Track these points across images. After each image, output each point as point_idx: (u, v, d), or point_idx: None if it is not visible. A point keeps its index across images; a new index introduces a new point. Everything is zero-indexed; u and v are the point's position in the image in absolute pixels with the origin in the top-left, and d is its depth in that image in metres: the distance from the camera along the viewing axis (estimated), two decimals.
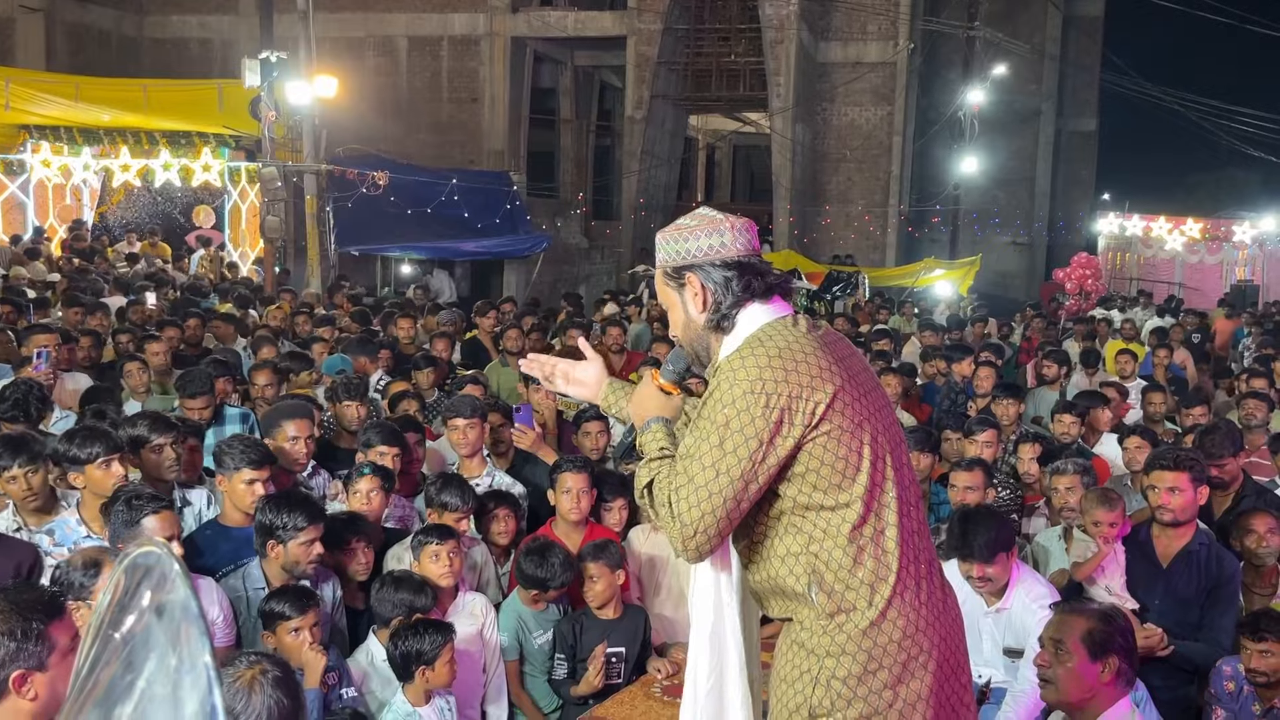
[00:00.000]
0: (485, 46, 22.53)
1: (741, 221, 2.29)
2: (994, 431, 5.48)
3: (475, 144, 22.56)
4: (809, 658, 2.13)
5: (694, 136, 29.60)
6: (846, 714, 2.09)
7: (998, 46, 26.02)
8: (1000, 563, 3.84)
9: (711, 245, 2.24)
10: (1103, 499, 4.20)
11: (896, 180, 23.28)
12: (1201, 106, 27.72)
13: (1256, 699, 3.66)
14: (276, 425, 4.58)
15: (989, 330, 12.75)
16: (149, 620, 1.30)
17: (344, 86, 16.01)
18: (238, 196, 17.07)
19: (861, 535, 2.12)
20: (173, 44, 23.30)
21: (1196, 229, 25.14)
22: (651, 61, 21.93)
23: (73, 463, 3.76)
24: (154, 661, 1.28)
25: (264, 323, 9.36)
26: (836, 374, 2.12)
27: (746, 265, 2.24)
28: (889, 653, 2.10)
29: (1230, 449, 5.01)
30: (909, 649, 2.11)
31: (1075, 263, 21.70)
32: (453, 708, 3.57)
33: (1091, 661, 2.87)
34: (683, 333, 2.34)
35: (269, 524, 3.59)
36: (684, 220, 2.32)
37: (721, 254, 2.24)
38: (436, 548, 3.81)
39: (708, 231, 2.25)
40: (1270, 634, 3.53)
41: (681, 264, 2.26)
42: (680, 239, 2.27)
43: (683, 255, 2.26)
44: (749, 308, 2.23)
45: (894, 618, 2.11)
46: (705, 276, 2.24)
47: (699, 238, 2.25)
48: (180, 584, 1.29)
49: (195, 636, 1.26)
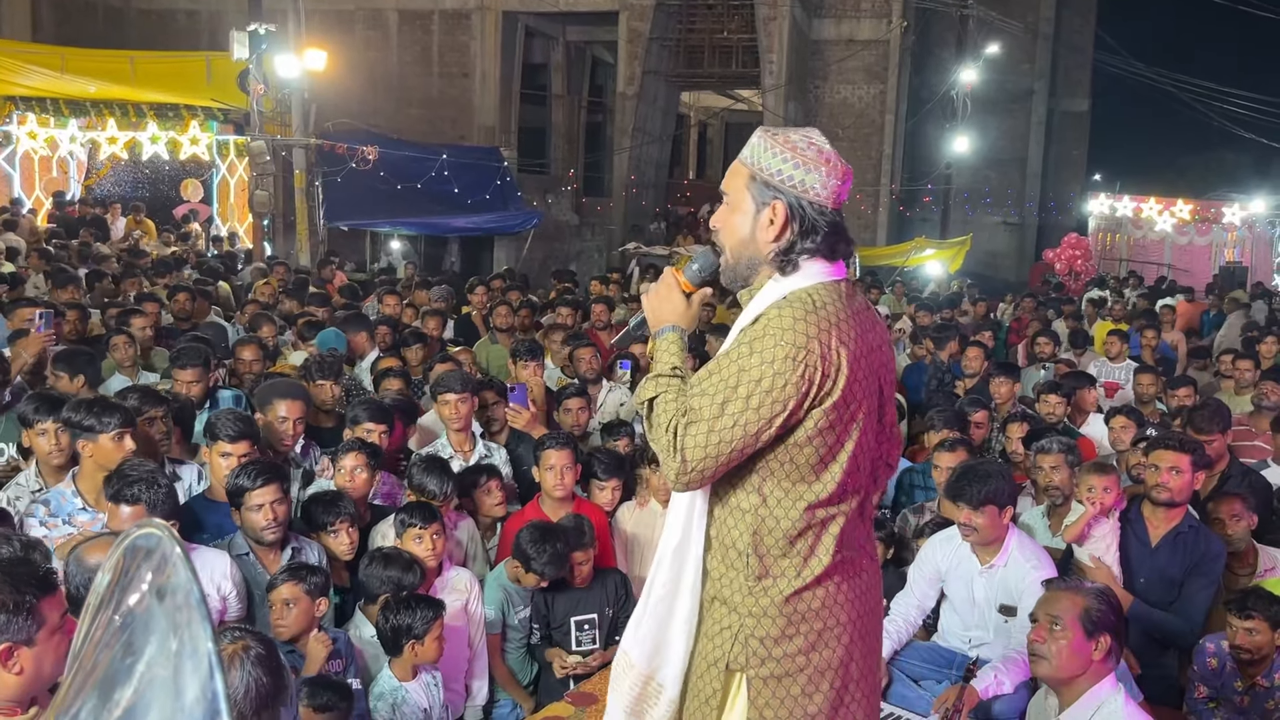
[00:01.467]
0: (476, 21, 22.35)
1: (845, 167, 2.20)
2: (985, 412, 5.50)
3: (466, 119, 22.42)
4: (731, 614, 2.17)
5: (686, 113, 29.48)
6: (759, 671, 2.14)
7: (991, 25, 25.93)
8: (989, 515, 3.89)
9: (814, 183, 2.14)
10: (1097, 466, 4.26)
11: (888, 159, 23.22)
12: (1193, 88, 27.75)
13: (1239, 675, 3.71)
14: (269, 402, 4.58)
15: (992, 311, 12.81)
16: (150, 603, 1.30)
17: (333, 60, 15.89)
18: (226, 170, 16.97)
19: (815, 515, 2.14)
20: (160, 15, 23.05)
21: (1186, 210, 25.21)
22: (644, 37, 21.79)
23: (86, 431, 3.75)
24: (154, 645, 1.27)
25: (254, 298, 9.31)
26: (859, 356, 2.11)
27: (837, 225, 2.18)
28: (806, 620, 2.14)
29: (1218, 427, 5.06)
30: (826, 619, 2.16)
31: (1065, 243, 21.73)
32: (438, 682, 3.59)
33: (1087, 639, 2.92)
34: (733, 243, 2.23)
35: (230, 490, 3.62)
36: (797, 137, 2.18)
37: (819, 196, 2.15)
38: (419, 530, 3.83)
39: (817, 166, 2.14)
40: (1258, 612, 3.58)
41: (776, 184, 2.14)
42: (786, 158, 2.14)
43: (781, 177, 2.14)
44: (815, 260, 2.16)
45: (817, 591, 2.15)
46: (794, 213, 2.15)
47: (807, 170, 2.14)
48: (181, 567, 1.28)
49: (197, 621, 1.25)
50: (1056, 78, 30.81)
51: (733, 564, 2.19)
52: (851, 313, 2.14)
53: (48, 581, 2.45)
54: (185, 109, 15.77)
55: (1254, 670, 3.65)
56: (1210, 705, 3.82)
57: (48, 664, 2.41)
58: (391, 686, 3.49)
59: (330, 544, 3.84)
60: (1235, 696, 3.72)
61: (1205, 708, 3.82)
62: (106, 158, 17.61)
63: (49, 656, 2.41)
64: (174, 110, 15.75)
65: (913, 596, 4.21)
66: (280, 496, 3.60)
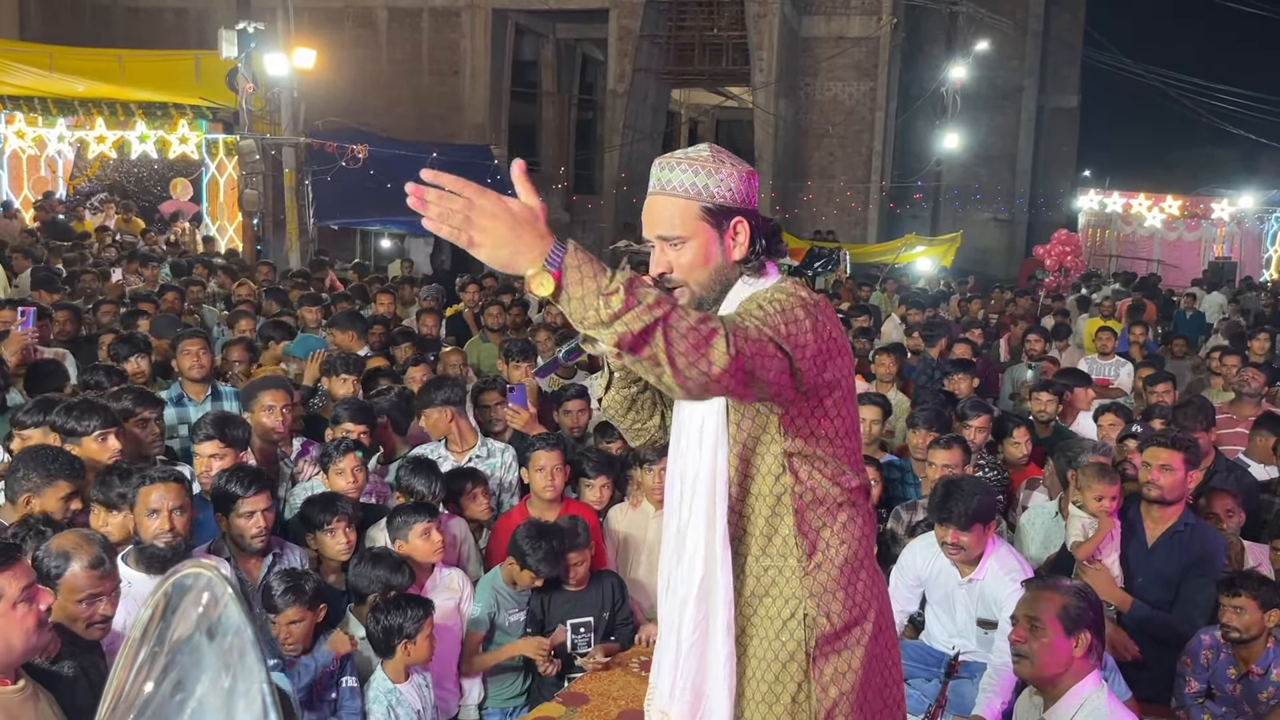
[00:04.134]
0: (466, 18, 22.32)
1: (749, 167, 2.19)
2: (987, 417, 5.49)
3: (456, 117, 22.40)
4: (790, 603, 2.15)
5: (676, 111, 29.47)
6: (833, 647, 2.13)
7: (980, 22, 25.98)
8: (975, 533, 3.88)
9: (750, 193, 2.14)
10: (1102, 473, 4.23)
11: (879, 156, 23.27)
12: (1182, 84, 27.86)
13: (1233, 662, 3.72)
14: (254, 396, 4.62)
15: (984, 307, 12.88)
16: (199, 641, 1.33)
17: (323, 58, 15.85)
18: (215, 169, 16.91)
19: (847, 483, 2.17)
20: (148, 14, 22.97)
21: (1176, 206, 25.30)
22: (634, 34, 21.80)
23: (69, 434, 3.75)
24: (206, 683, 1.31)
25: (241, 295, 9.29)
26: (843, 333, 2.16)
27: (776, 226, 2.20)
28: (859, 588, 2.18)
29: (1203, 423, 5.08)
30: (872, 586, 2.21)
31: (1055, 239, 21.79)
32: (429, 683, 3.59)
33: (1066, 636, 2.93)
34: (705, 278, 2.15)
35: (216, 494, 3.61)
36: (708, 151, 2.14)
37: (752, 199, 2.16)
38: (426, 525, 3.85)
39: (745, 176, 2.14)
40: (1245, 590, 3.61)
41: (727, 202, 2.10)
42: (721, 175, 2.10)
43: (731, 193, 2.11)
44: (770, 262, 2.18)
45: (863, 560, 2.20)
46: (753, 224, 2.14)
47: (737, 179, 2.12)
48: (233, 607, 1.31)
49: (251, 659, 1.29)
50: (1046, 74, 30.88)
51: (778, 553, 2.16)
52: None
53: (6, 553, 2.43)
54: (174, 108, 15.71)
55: (1247, 654, 3.67)
56: (1200, 701, 3.84)
57: (14, 636, 2.39)
58: (386, 689, 3.49)
59: (326, 543, 3.84)
60: (1227, 685, 3.74)
61: (1195, 703, 3.84)
62: (95, 157, 17.53)
63: (14, 629, 2.39)
64: (163, 109, 15.69)
65: (895, 601, 4.20)
66: (270, 504, 3.60)
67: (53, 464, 3.39)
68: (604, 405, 2.43)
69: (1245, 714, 3.66)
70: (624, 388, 2.35)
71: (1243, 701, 3.68)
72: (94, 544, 2.86)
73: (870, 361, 7.25)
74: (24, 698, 2.46)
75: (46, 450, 3.49)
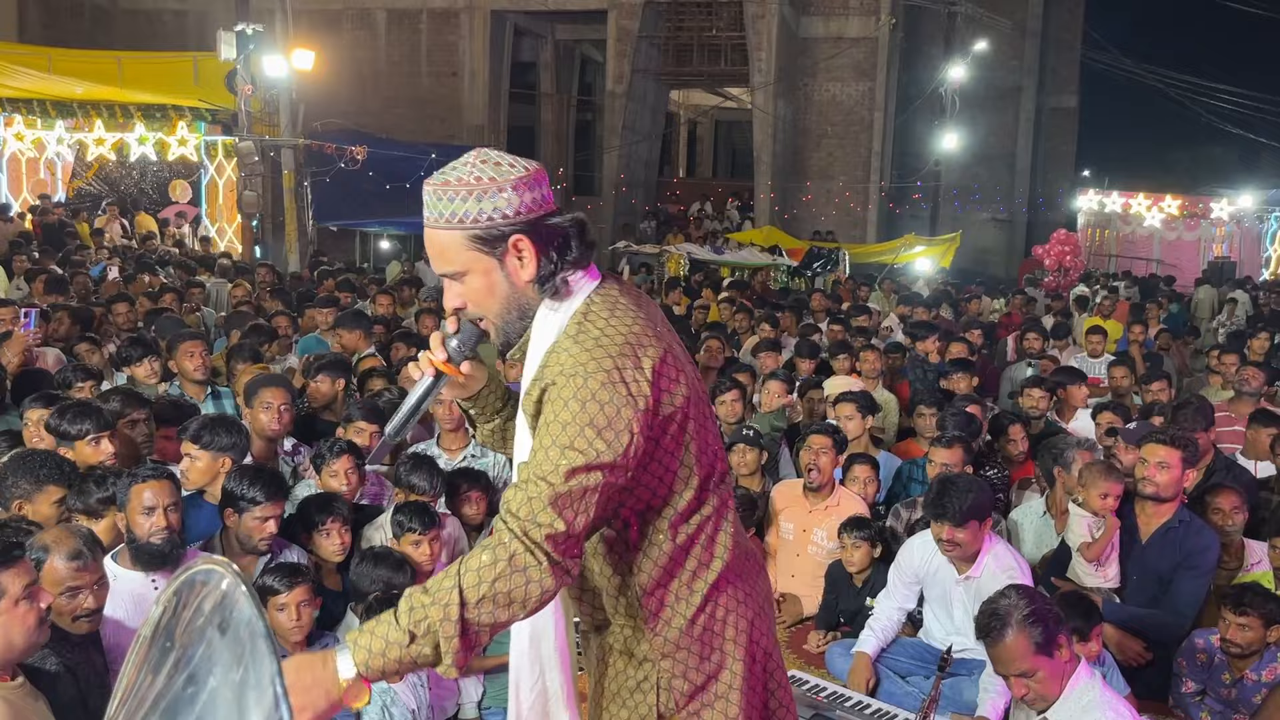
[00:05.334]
0: (465, 20, 22.32)
1: (534, 167, 1.94)
2: (978, 407, 5.51)
3: (455, 118, 22.39)
4: (641, 666, 2.00)
5: (675, 112, 29.47)
6: (691, 708, 1.98)
7: (979, 22, 25.96)
8: (971, 530, 3.88)
9: (534, 200, 1.89)
10: (1108, 471, 4.22)
11: (878, 156, 23.25)
12: (1181, 84, 27.85)
13: (1227, 668, 3.72)
14: (255, 393, 4.63)
15: (982, 308, 12.88)
16: (211, 635, 1.34)
17: (321, 60, 15.85)
18: (214, 171, 16.92)
19: (684, 529, 1.96)
20: (147, 16, 22.97)
21: (1175, 206, 25.31)
22: (632, 35, 21.79)
23: (63, 438, 3.75)
24: (218, 675, 1.32)
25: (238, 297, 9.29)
26: (674, 344, 1.95)
27: (579, 220, 1.97)
28: (715, 636, 1.99)
29: (1202, 424, 5.07)
30: (728, 632, 2.00)
31: (1054, 239, 21.77)
32: (424, 683, 3.57)
33: (1051, 658, 2.88)
34: (498, 307, 1.94)
35: (230, 492, 3.61)
36: (472, 169, 1.89)
37: (539, 206, 1.90)
38: (419, 537, 3.83)
39: (524, 183, 1.88)
40: (1253, 609, 3.58)
41: (499, 224, 1.86)
42: (482, 195, 1.86)
43: (497, 214, 1.86)
44: (578, 271, 1.94)
45: (718, 605, 1.99)
46: (537, 238, 1.89)
47: (518, 191, 1.87)
48: (245, 603, 1.32)
49: (263, 653, 1.29)
50: (1045, 74, 30.86)
51: (621, 611, 2.01)
52: (640, 303, 1.98)
53: (8, 554, 2.46)
54: (173, 109, 15.72)
55: (1242, 664, 3.67)
56: (1197, 699, 3.83)
57: (15, 633, 2.44)
58: (381, 688, 3.47)
59: (322, 544, 3.83)
60: (1222, 689, 3.73)
61: (1193, 702, 3.84)
62: (94, 159, 17.54)
63: (15, 626, 2.44)
64: (161, 111, 15.70)
65: (893, 599, 4.21)
66: (282, 512, 3.61)
67: (41, 469, 3.38)
68: (479, 441, 2.31)
69: (1242, 714, 3.66)
70: (487, 423, 2.22)
71: (1238, 703, 3.68)
72: (75, 537, 2.86)
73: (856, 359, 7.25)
74: (25, 693, 2.52)
75: (35, 455, 3.48)
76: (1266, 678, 3.62)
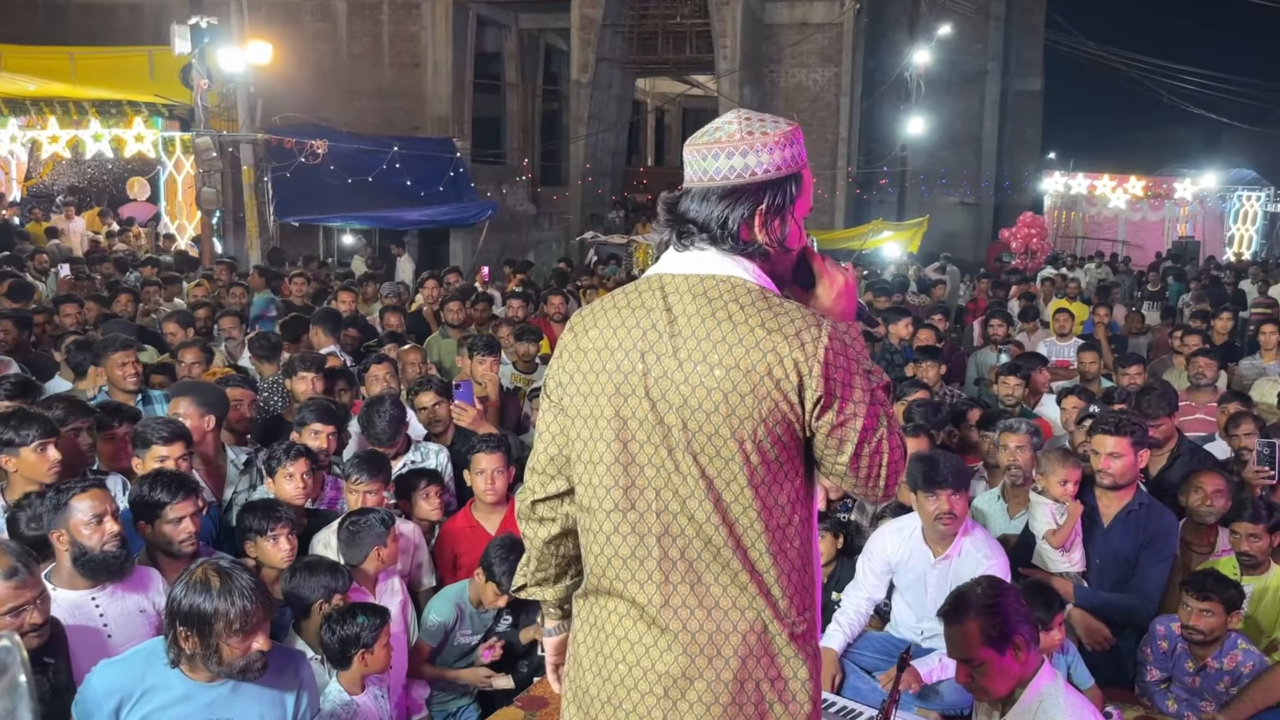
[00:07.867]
0: (427, 10, 22.05)
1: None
2: (925, 393, 5.48)
3: (418, 110, 22.15)
4: None
5: (642, 100, 29.33)
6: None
7: (942, 6, 26.00)
8: (964, 496, 3.86)
9: (800, 152, 1.94)
10: (1065, 457, 4.21)
11: (844, 142, 23.24)
12: (1144, 65, 28.04)
13: (1190, 656, 3.70)
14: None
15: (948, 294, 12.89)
16: None
17: (280, 53, 15.61)
18: (173, 167, 16.62)
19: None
20: (101, 10, 22.53)
21: (1139, 186, 25.52)
22: (597, 24, 21.62)
23: (6, 445, 3.63)
24: None
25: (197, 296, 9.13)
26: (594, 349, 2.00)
27: None
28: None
29: (1165, 409, 5.07)
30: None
31: (1021, 222, 21.90)
32: (385, 694, 3.49)
33: (1001, 655, 2.84)
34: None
35: (135, 503, 3.48)
36: (736, 127, 1.90)
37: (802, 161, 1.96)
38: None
39: (788, 139, 1.91)
40: (1215, 595, 3.57)
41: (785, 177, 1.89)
42: (766, 145, 1.87)
43: (779, 165, 1.88)
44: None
45: (580, 608, 2.04)
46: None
47: (788, 143, 1.91)
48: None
49: None
50: (1009, 57, 30.95)
51: None
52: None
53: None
54: (128, 105, 15.39)
55: (1204, 652, 3.65)
56: (1163, 686, 3.82)
57: None
58: (343, 701, 3.37)
59: (268, 551, 3.71)
60: (1186, 678, 3.72)
61: (1158, 690, 3.82)
62: (48, 157, 17.22)
63: None
64: (117, 107, 15.38)
65: (863, 590, 4.16)
66: (197, 510, 3.49)
67: None
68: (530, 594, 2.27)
69: (1208, 701, 3.65)
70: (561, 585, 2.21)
71: (1203, 691, 3.67)
72: (7, 554, 2.75)
73: None
74: None
75: None
76: (1228, 665, 3.61)
